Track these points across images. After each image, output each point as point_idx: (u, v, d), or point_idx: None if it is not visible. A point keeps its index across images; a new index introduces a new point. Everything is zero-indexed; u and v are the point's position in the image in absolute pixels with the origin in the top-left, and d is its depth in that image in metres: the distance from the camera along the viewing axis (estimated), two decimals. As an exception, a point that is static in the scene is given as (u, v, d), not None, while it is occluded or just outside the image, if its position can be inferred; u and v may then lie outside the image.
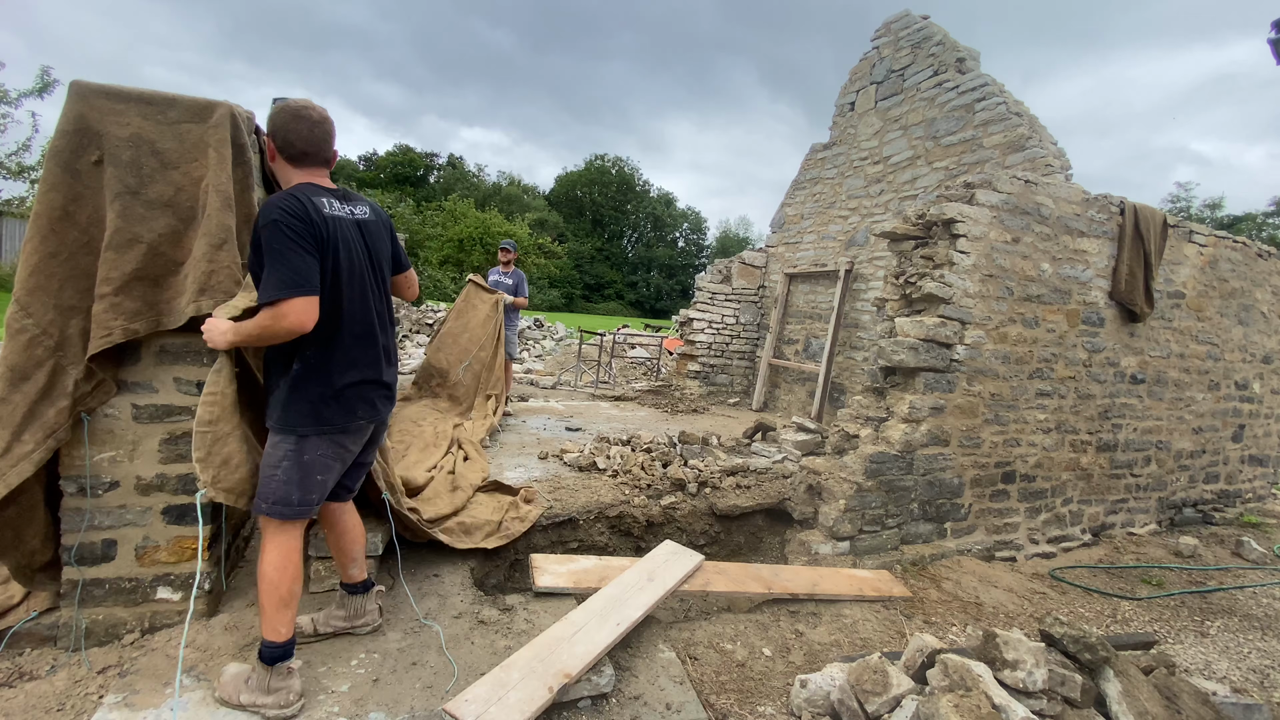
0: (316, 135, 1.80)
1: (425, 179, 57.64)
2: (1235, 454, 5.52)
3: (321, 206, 1.75)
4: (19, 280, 1.86)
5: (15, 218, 15.11)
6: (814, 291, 7.23)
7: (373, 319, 1.94)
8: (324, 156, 1.84)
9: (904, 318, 3.66)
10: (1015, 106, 5.20)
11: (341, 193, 1.87)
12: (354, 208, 1.90)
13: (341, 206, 1.84)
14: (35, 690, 1.85)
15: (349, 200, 1.90)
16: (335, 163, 1.92)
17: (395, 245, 2.09)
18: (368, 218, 1.95)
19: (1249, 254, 5.21)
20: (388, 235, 2.05)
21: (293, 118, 1.77)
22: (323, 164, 1.85)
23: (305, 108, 1.79)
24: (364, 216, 1.93)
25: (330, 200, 1.80)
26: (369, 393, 1.93)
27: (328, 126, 1.82)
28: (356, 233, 1.86)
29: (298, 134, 1.77)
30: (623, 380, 9.31)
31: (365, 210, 1.95)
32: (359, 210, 1.92)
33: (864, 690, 1.99)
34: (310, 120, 1.78)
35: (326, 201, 1.78)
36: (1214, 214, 26.72)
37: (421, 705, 1.90)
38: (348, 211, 1.86)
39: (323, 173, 1.86)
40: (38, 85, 15.10)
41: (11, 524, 1.95)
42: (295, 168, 1.82)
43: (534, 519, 3.12)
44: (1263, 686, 2.80)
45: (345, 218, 1.83)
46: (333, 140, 1.86)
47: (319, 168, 1.85)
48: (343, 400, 1.85)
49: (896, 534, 3.66)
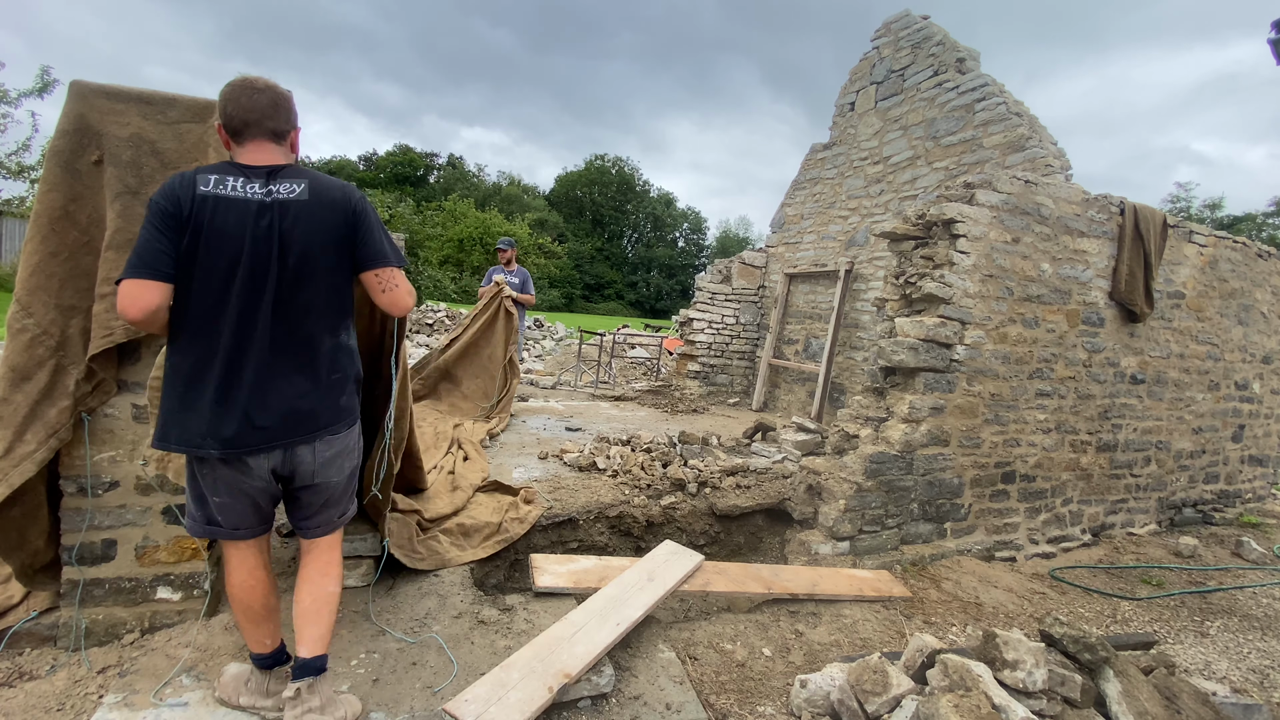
0: (259, 103, 1.55)
1: (425, 179, 57.65)
2: (1235, 454, 5.52)
3: (202, 184, 1.49)
4: (20, 280, 1.86)
5: (15, 218, 15.12)
6: (814, 291, 7.23)
7: (229, 327, 1.49)
8: (269, 127, 1.57)
9: (904, 318, 3.66)
10: (1015, 107, 5.20)
11: (266, 170, 1.56)
12: (275, 186, 1.55)
13: (245, 185, 1.52)
14: (35, 690, 1.85)
15: (274, 178, 1.56)
16: (292, 139, 1.66)
17: (359, 233, 1.64)
18: (294, 196, 1.55)
19: (1249, 254, 5.21)
20: (340, 221, 1.60)
21: (231, 89, 1.56)
22: (268, 136, 1.58)
23: (246, 78, 1.58)
24: (287, 195, 1.54)
25: (230, 179, 1.52)
26: (208, 427, 1.50)
27: (272, 94, 1.57)
28: (253, 215, 1.50)
29: (236, 103, 1.54)
30: (623, 380, 9.31)
31: (295, 187, 1.56)
32: (282, 188, 1.55)
33: (864, 690, 1.99)
34: (252, 88, 1.56)
35: (220, 179, 1.51)
36: (1214, 214, 26.74)
37: (421, 705, 1.90)
38: (253, 191, 1.52)
39: (266, 147, 1.58)
40: (38, 85, 15.12)
41: (16, 524, 1.95)
42: (238, 145, 1.59)
43: (534, 519, 3.12)
44: (1262, 686, 2.80)
45: (236, 197, 1.50)
46: (281, 111, 1.59)
47: (262, 140, 1.58)
48: (186, 424, 1.50)
49: (896, 534, 3.66)
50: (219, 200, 1.49)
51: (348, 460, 1.77)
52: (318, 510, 1.76)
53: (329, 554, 1.82)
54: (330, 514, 1.79)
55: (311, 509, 1.75)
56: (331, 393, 1.64)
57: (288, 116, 1.62)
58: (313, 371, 1.60)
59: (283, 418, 1.55)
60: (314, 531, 1.77)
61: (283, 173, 1.57)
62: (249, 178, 1.53)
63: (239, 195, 1.51)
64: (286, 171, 1.58)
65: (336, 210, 1.60)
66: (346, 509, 1.86)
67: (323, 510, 1.77)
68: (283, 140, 1.62)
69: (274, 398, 1.54)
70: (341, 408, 1.67)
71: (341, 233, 1.60)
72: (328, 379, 1.63)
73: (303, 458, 1.62)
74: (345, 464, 1.76)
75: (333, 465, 1.70)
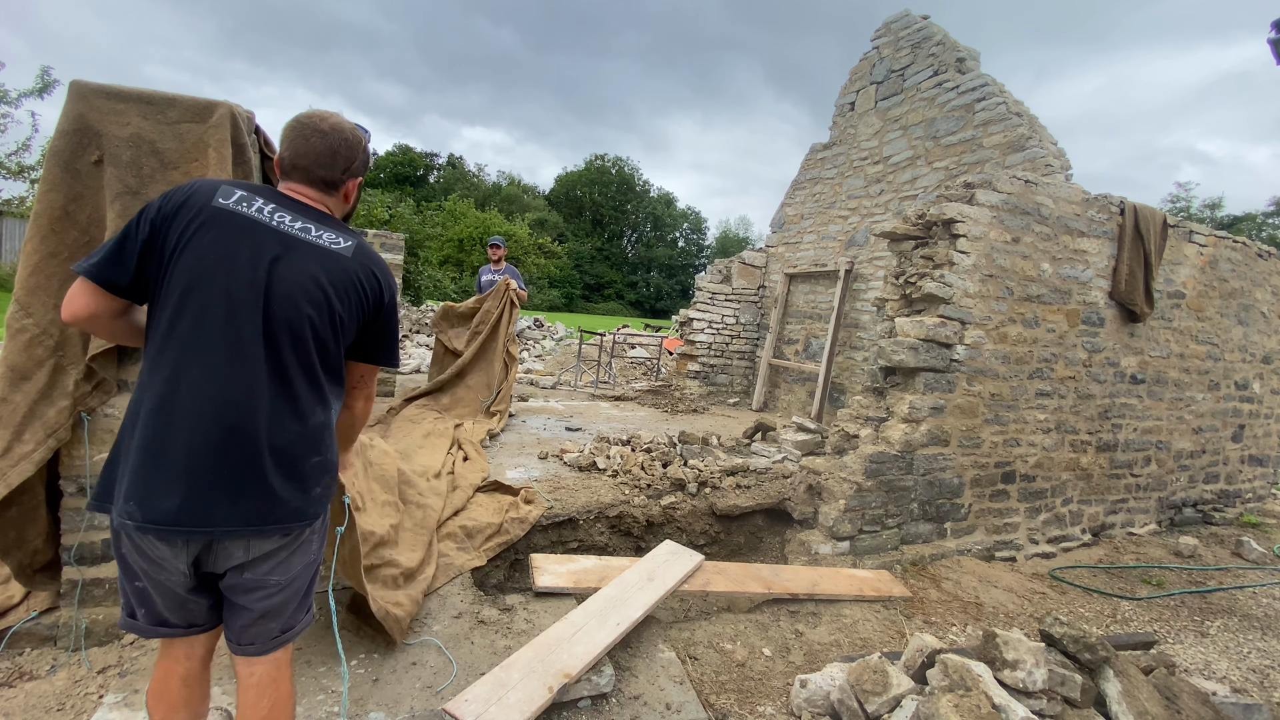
0: (314, 147, 1.36)
1: (425, 179, 57.66)
2: (1235, 454, 5.52)
3: (224, 195, 1.25)
4: (19, 280, 1.86)
5: (15, 218, 15.13)
6: (814, 291, 7.23)
7: (228, 380, 1.20)
8: (319, 175, 1.37)
9: (904, 318, 3.66)
10: (1015, 106, 5.21)
11: (306, 207, 1.35)
12: (313, 226, 1.32)
13: (274, 211, 1.28)
14: (35, 690, 1.85)
15: (313, 220, 1.33)
16: (347, 188, 1.44)
17: (379, 320, 1.42)
18: (335, 247, 1.32)
19: (1249, 254, 5.21)
20: (374, 298, 1.39)
21: (293, 127, 1.38)
22: (316, 184, 1.38)
23: (312, 117, 1.39)
24: (329, 244, 1.32)
25: (259, 200, 1.28)
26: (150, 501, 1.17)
27: (333, 141, 1.37)
28: (278, 243, 1.25)
29: (291, 146, 1.37)
30: (623, 380, 9.31)
31: (339, 239, 1.34)
32: (324, 234, 1.32)
33: (864, 690, 1.99)
34: (313, 130, 1.37)
35: (246, 197, 1.27)
36: (1214, 214, 26.74)
37: (421, 705, 1.90)
38: (281, 220, 1.28)
39: (309, 191, 1.38)
40: (38, 85, 15.12)
41: (14, 524, 1.95)
42: (283, 180, 1.40)
43: (534, 520, 3.12)
44: (1262, 686, 2.80)
45: (261, 220, 1.26)
46: (339, 159, 1.39)
47: (307, 185, 1.38)
48: (111, 476, 1.23)
49: (896, 534, 3.66)
50: (235, 215, 1.25)
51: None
52: (246, 612, 1.34)
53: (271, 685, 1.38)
54: (252, 618, 1.34)
55: (245, 613, 1.34)
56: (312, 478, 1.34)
57: (346, 165, 1.41)
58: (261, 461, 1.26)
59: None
60: (244, 646, 1.36)
61: (329, 221, 1.38)
62: (283, 207, 1.31)
63: (263, 219, 1.27)
64: (333, 222, 1.39)
65: (375, 284, 1.38)
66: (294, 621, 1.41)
67: (248, 612, 1.33)
68: (333, 190, 1.42)
69: (232, 501, 1.22)
70: (314, 495, 1.34)
71: (365, 309, 1.38)
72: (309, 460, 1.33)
73: (238, 550, 1.27)
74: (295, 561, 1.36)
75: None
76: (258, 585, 1.29)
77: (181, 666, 1.37)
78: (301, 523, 1.29)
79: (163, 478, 1.17)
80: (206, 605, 1.33)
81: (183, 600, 1.29)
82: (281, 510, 1.25)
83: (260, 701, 1.35)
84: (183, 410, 1.18)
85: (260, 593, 1.30)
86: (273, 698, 1.37)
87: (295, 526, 1.28)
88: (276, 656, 1.38)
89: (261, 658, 1.35)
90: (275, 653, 1.37)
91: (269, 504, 1.23)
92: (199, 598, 1.31)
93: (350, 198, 1.48)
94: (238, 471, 1.20)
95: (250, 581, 1.28)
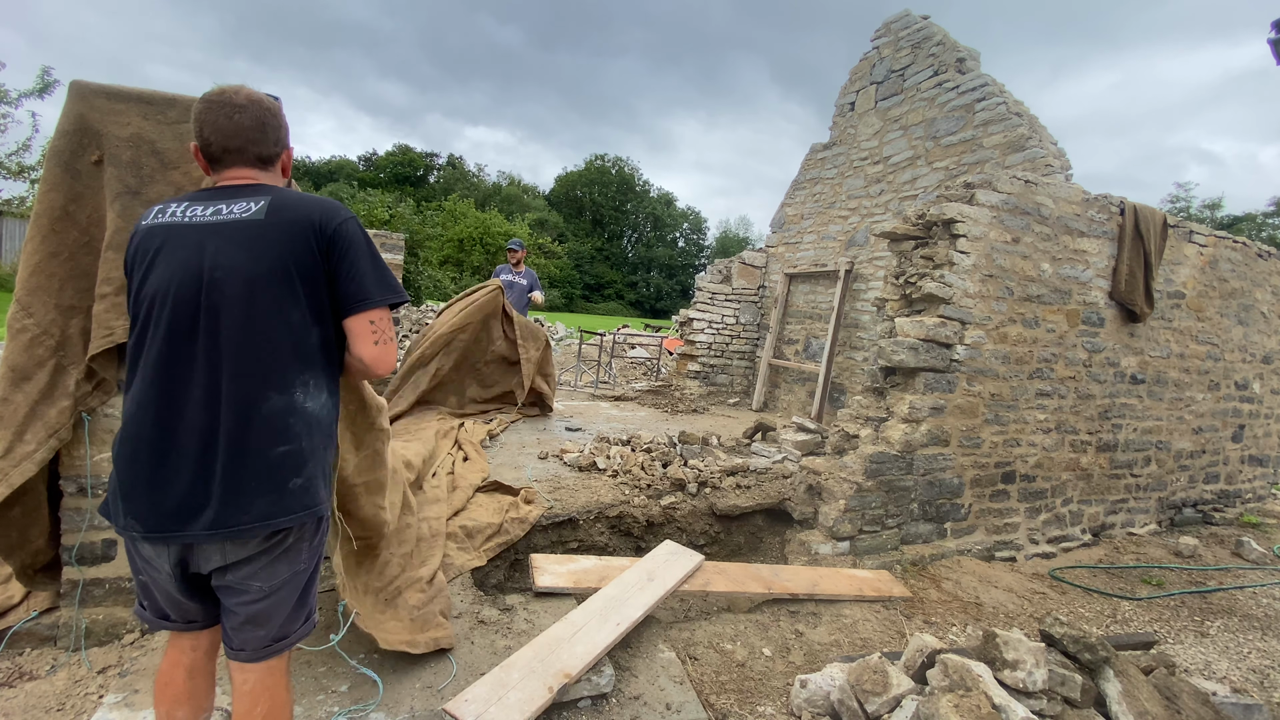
0: (241, 124, 1.28)
1: (425, 179, 57.69)
2: (1235, 454, 5.52)
3: (145, 215, 1.30)
4: (20, 280, 1.86)
5: (15, 218, 15.13)
6: (814, 291, 7.23)
7: (153, 378, 1.20)
8: (254, 154, 1.31)
9: (904, 318, 3.66)
10: (1015, 106, 5.21)
11: (229, 190, 1.30)
12: (224, 205, 1.26)
13: (189, 209, 1.26)
14: (35, 690, 1.85)
15: (224, 198, 1.28)
16: (282, 161, 1.39)
17: (340, 264, 1.30)
18: (244, 216, 1.25)
19: (1249, 254, 5.21)
20: (301, 247, 1.26)
21: (205, 108, 1.28)
22: (253, 163, 1.32)
23: (223, 92, 1.30)
24: (239, 215, 1.25)
25: (176, 205, 1.28)
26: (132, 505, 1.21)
27: (256, 112, 1.30)
28: (188, 241, 1.23)
29: (214, 127, 1.28)
30: (623, 380, 9.31)
31: (251, 205, 1.26)
32: (237, 208, 1.26)
33: (864, 690, 1.99)
34: (231, 106, 1.28)
35: (167, 207, 1.28)
36: (1214, 214, 26.73)
37: (422, 705, 1.90)
38: (194, 214, 1.25)
39: (247, 175, 1.32)
40: (38, 85, 15.11)
41: (16, 524, 1.95)
42: (216, 173, 1.33)
43: (534, 520, 3.12)
44: (1263, 686, 2.80)
45: (176, 223, 1.25)
46: (269, 131, 1.33)
47: (242, 168, 1.32)
48: (110, 492, 1.26)
49: (896, 534, 3.66)
50: (154, 229, 1.25)
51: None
52: (237, 615, 1.31)
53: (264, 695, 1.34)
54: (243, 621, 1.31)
55: (234, 615, 1.31)
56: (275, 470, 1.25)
57: (276, 136, 1.35)
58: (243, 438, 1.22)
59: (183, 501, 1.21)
60: (238, 651, 1.33)
61: (242, 191, 1.29)
62: (195, 200, 1.28)
63: (178, 220, 1.25)
64: (246, 190, 1.30)
65: (297, 231, 1.25)
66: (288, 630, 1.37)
67: (239, 616, 1.31)
68: (270, 165, 1.36)
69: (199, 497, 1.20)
70: (289, 491, 1.26)
71: (304, 260, 1.25)
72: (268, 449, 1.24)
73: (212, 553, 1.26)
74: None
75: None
76: (241, 589, 1.27)
77: (187, 658, 1.38)
78: (269, 522, 1.23)
79: (138, 489, 1.20)
80: (199, 605, 1.34)
81: (175, 598, 1.31)
82: (251, 511, 1.21)
83: (254, 709, 1.32)
84: (143, 424, 1.21)
85: (244, 596, 1.28)
86: (266, 707, 1.33)
87: (262, 528, 1.22)
88: (271, 665, 1.34)
89: (254, 665, 1.32)
90: (269, 661, 1.33)
91: (232, 508, 1.20)
92: (189, 598, 1.31)
93: (287, 171, 1.43)
94: (198, 476, 1.19)
95: (233, 585, 1.27)
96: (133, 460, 1.20)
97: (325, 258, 1.29)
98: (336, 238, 1.29)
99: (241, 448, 1.21)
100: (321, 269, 1.28)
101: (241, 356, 1.21)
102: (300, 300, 1.26)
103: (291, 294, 1.25)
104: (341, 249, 1.30)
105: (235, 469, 1.20)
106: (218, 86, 1.32)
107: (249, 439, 1.21)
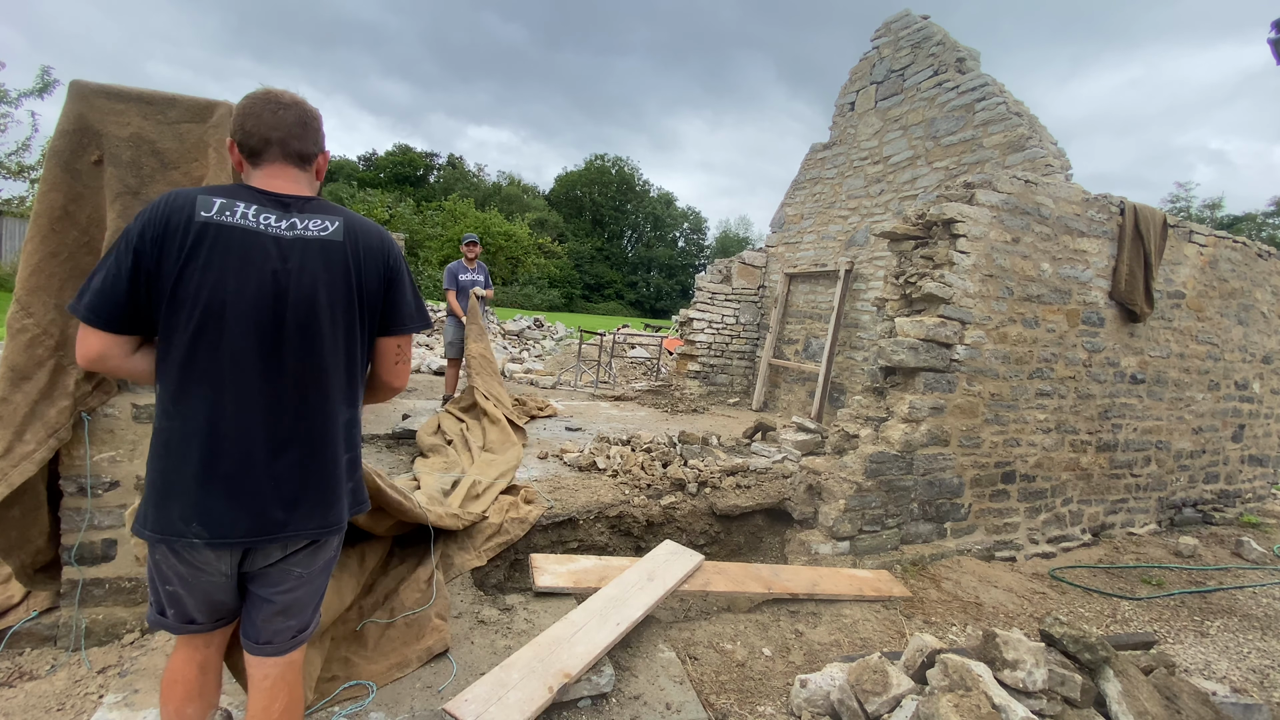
0: (284, 120, 1.31)
1: (425, 179, 57.69)
2: (1235, 454, 5.52)
3: (203, 207, 1.21)
4: (20, 280, 1.86)
5: (15, 218, 15.12)
6: (814, 291, 7.23)
7: (227, 389, 1.22)
8: (294, 149, 1.33)
9: (904, 318, 3.66)
10: (1015, 106, 5.21)
11: (285, 200, 1.30)
12: (299, 219, 1.28)
13: (260, 214, 1.25)
14: (35, 690, 1.85)
15: (295, 211, 1.29)
16: (318, 163, 1.41)
17: (392, 291, 1.39)
18: (325, 235, 1.29)
19: (1249, 254, 5.21)
20: (378, 273, 1.36)
21: (251, 102, 1.32)
22: (292, 159, 1.33)
23: (270, 91, 1.34)
24: (317, 233, 1.28)
25: (239, 205, 1.24)
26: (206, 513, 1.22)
27: (299, 111, 1.33)
28: (268, 252, 1.23)
29: (257, 119, 1.30)
30: (623, 380, 9.31)
31: (327, 225, 1.30)
32: (313, 224, 1.29)
33: (864, 690, 1.99)
34: (277, 103, 1.32)
35: (228, 204, 1.24)
36: (1214, 214, 26.74)
37: (422, 705, 1.90)
38: (268, 223, 1.25)
39: (287, 172, 1.33)
40: (38, 85, 15.12)
41: (17, 524, 1.95)
42: (253, 168, 1.33)
43: (534, 519, 3.12)
44: (1262, 686, 2.80)
45: (248, 227, 1.23)
46: (310, 131, 1.35)
47: (283, 164, 1.33)
48: (166, 505, 1.22)
49: (896, 534, 3.66)
50: (223, 229, 1.21)
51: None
52: (272, 606, 1.36)
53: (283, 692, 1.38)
54: (279, 614, 1.37)
55: (269, 606, 1.36)
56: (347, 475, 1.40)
57: (316, 138, 1.38)
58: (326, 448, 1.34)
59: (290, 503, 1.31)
60: (263, 645, 1.37)
61: (310, 205, 1.32)
62: (263, 206, 1.27)
63: (251, 225, 1.23)
64: (314, 205, 1.33)
65: (371, 260, 1.34)
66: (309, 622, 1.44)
67: (274, 607, 1.36)
68: (307, 165, 1.38)
69: (282, 495, 1.28)
70: (349, 492, 1.41)
71: (373, 287, 1.35)
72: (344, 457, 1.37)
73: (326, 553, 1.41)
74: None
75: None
76: (279, 578, 1.33)
77: (200, 654, 1.40)
78: (338, 522, 1.35)
79: (213, 497, 1.22)
80: (235, 601, 1.38)
81: (218, 600, 1.34)
82: (335, 512, 1.34)
83: (273, 705, 1.36)
84: (229, 438, 1.23)
85: (285, 585, 1.34)
86: (286, 699, 1.38)
87: (335, 528, 1.35)
88: (292, 658, 1.39)
89: (277, 658, 1.37)
90: (291, 654, 1.39)
91: (316, 511, 1.31)
92: (230, 597, 1.35)
93: (321, 174, 1.45)
94: (284, 482, 1.27)
95: (277, 574, 1.33)
96: (207, 469, 1.22)
97: (387, 286, 1.39)
98: (397, 267, 1.41)
99: (322, 457, 1.31)
100: (382, 296, 1.38)
101: (326, 372, 1.30)
102: (365, 321, 1.37)
103: (361, 315, 1.35)
104: (398, 278, 1.41)
105: (316, 476, 1.30)
106: (263, 87, 1.37)
107: (327, 448, 1.32)
